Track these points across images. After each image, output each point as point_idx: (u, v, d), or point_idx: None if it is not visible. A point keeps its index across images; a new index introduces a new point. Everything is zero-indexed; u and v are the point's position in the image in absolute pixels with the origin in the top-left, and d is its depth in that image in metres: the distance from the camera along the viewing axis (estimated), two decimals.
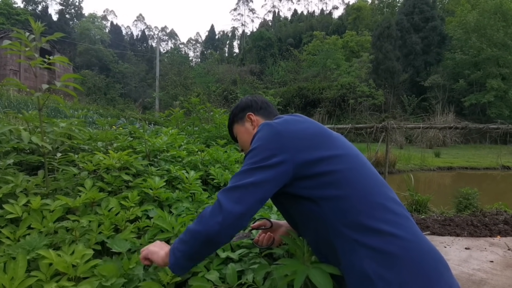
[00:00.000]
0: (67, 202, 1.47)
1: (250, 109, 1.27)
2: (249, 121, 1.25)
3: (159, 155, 2.51)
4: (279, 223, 1.29)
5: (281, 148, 0.90)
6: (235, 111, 1.31)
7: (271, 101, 22.17)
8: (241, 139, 1.28)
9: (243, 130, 1.27)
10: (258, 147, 0.93)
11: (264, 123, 1.00)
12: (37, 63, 1.58)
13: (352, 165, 0.92)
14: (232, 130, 1.34)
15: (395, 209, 0.90)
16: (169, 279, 1.11)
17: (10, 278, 1.06)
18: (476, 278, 3.03)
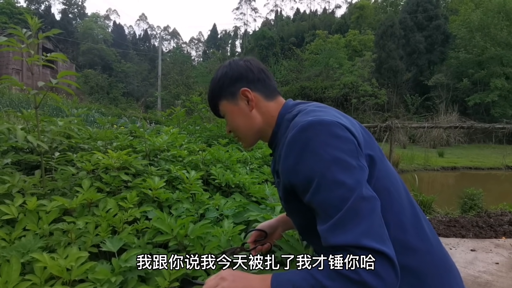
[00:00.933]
0: (63, 203, 1.43)
1: (245, 81, 0.94)
2: (244, 99, 0.93)
3: (159, 154, 2.48)
4: (273, 225, 1.18)
5: (357, 145, 0.73)
6: (223, 82, 0.95)
7: None
8: (233, 122, 0.97)
9: (235, 111, 0.95)
10: (336, 158, 0.68)
11: (310, 123, 0.73)
12: (33, 60, 1.55)
13: (385, 171, 0.80)
14: (217, 105, 0.99)
15: (424, 225, 0.81)
16: (167, 284, 1.07)
17: (4, 281, 1.03)
18: (481, 280, 2.98)
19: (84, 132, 2.56)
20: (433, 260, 0.77)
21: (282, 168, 0.79)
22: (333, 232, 0.65)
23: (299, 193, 0.75)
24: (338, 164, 0.68)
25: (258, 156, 3.20)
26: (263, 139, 0.99)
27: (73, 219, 1.40)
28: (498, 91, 23.35)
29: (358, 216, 0.64)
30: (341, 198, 0.65)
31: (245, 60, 0.99)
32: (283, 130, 0.87)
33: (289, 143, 0.75)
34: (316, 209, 0.70)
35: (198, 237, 1.28)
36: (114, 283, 1.04)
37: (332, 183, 0.67)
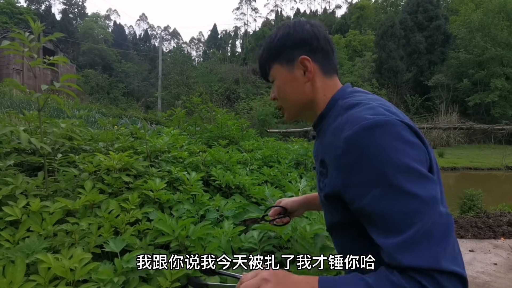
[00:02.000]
0: (66, 204, 1.45)
1: (307, 48, 0.83)
2: (302, 68, 0.83)
3: (160, 155, 2.50)
4: (294, 205, 1.18)
5: (427, 154, 0.66)
6: (284, 43, 0.84)
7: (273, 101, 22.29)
8: (283, 90, 0.87)
9: (288, 78, 0.85)
10: (408, 166, 0.61)
11: (376, 122, 0.64)
12: (36, 63, 1.57)
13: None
14: (269, 67, 0.89)
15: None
16: (169, 284, 1.10)
17: (9, 282, 1.05)
18: (480, 281, 3.00)
19: (86, 133, 2.58)
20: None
21: (336, 165, 0.71)
22: (405, 250, 0.57)
23: (349, 196, 0.68)
24: (409, 173, 0.60)
25: (258, 157, 3.22)
26: (306, 117, 0.91)
27: (76, 220, 1.42)
28: (498, 92, 23.33)
29: (436, 235, 0.57)
30: (414, 212, 0.58)
31: (312, 25, 0.86)
32: (334, 116, 0.78)
33: (349, 141, 0.66)
34: (373, 219, 0.63)
35: (199, 238, 1.30)
36: (116, 283, 1.06)
37: (402, 193, 0.59)
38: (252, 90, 28.59)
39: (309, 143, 4.94)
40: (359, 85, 25.62)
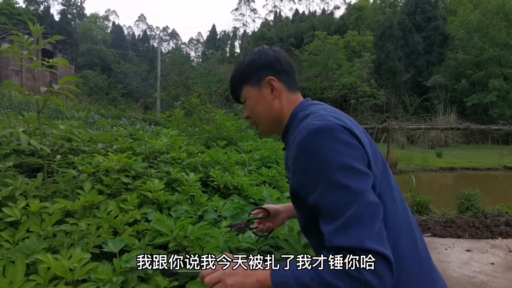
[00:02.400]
0: (66, 205, 1.47)
1: (271, 70, 0.96)
2: (269, 87, 0.95)
3: (159, 156, 2.51)
4: (277, 209, 1.23)
5: (364, 153, 0.76)
6: (251, 68, 0.97)
7: None
8: (254, 108, 0.98)
9: (258, 97, 0.96)
10: (344, 164, 0.71)
11: (319, 127, 0.75)
12: (36, 66, 1.59)
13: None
14: (240, 90, 1.01)
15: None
16: (167, 283, 1.11)
17: (9, 282, 1.06)
18: (477, 280, 3.01)
19: (85, 134, 2.59)
20: (421, 277, 0.80)
21: (291, 169, 0.81)
22: (338, 234, 0.68)
23: (304, 194, 0.77)
24: (345, 169, 0.70)
25: (256, 158, 3.24)
26: (278, 130, 1.00)
27: (76, 221, 1.43)
28: (497, 92, 23.39)
29: (362, 220, 0.67)
30: (346, 202, 0.68)
31: (274, 50, 1.00)
32: (294, 127, 0.89)
33: (298, 146, 0.76)
34: (321, 211, 0.73)
35: (197, 238, 1.32)
36: (115, 283, 1.08)
37: (338, 187, 0.70)
38: None
39: None
40: (358, 86, 25.75)
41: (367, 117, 24.93)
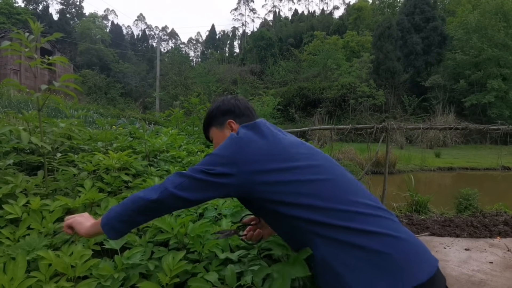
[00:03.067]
0: (66, 202, 1.47)
1: (232, 115, 1.21)
2: (229, 128, 1.20)
3: (158, 155, 2.52)
4: None
5: (233, 165, 0.95)
6: (215, 113, 1.24)
7: (271, 102, 21.80)
8: (217, 145, 1.21)
9: (221, 136, 1.20)
10: (216, 156, 0.98)
11: (234, 137, 1.02)
12: (36, 63, 1.59)
13: (318, 175, 0.98)
14: (208, 131, 1.28)
15: (363, 209, 0.95)
16: (168, 280, 1.11)
17: (10, 278, 1.06)
18: (475, 279, 3.03)
19: (85, 133, 2.59)
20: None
21: None
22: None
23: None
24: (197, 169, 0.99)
25: None
26: None
27: None
28: (495, 92, 23.42)
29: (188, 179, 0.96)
30: (197, 170, 0.98)
31: (235, 99, 1.25)
32: None
33: None
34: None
35: (198, 236, 1.32)
36: (117, 279, 1.08)
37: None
38: (250, 91, 28.62)
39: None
40: (357, 86, 25.75)
41: (366, 117, 24.95)
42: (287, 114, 25.73)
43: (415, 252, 0.91)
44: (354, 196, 0.97)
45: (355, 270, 0.86)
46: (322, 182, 0.97)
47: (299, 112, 26.58)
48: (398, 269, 0.85)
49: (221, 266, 1.21)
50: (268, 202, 0.96)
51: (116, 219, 0.98)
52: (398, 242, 0.90)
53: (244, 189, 0.96)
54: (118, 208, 0.99)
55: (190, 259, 1.28)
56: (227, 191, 0.97)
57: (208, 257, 1.29)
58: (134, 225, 1.02)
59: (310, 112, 26.34)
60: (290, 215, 0.94)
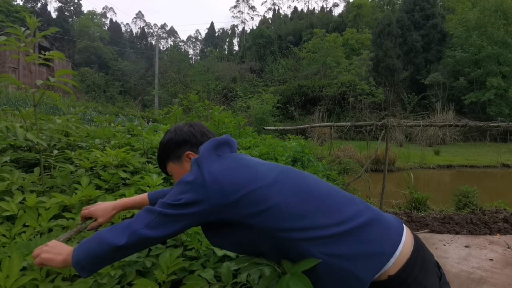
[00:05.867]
0: (63, 199, 1.45)
1: (189, 145, 1.08)
2: (189, 161, 1.07)
3: (156, 152, 2.50)
4: (105, 208, 1.22)
5: (203, 196, 0.88)
6: (169, 146, 1.10)
7: (271, 100, 21.73)
8: (178, 180, 1.07)
9: (181, 171, 1.09)
10: (185, 185, 0.91)
11: (198, 162, 0.93)
12: (32, 58, 1.56)
13: (281, 185, 0.94)
14: (165, 166, 1.14)
15: (328, 203, 0.95)
16: (165, 277, 1.10)
17: (5, 276, 1.05)
18: (475, 276, 3.02)
19: (82, 130, 2.57)
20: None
21: None
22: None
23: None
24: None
25: (255, 154, 3.23)
26: None
27: (73, 216, 1.42)
28: (494, 90, 23.42)
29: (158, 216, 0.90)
30: (165, 204, 0.91)
31: (189, 126, 1.12)
32: None
33: None
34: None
35: (196, 233, 1.31)
36: (113, 277, 1.07)
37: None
38: (250, 89, 28.56)
39: (305, 141, 4.95)
40: (357, 84, 25.74)
41: (365, 114, 24.95)
42: (286, 112, 25.69)
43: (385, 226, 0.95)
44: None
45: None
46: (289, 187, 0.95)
47: (299, 110, 26.55)
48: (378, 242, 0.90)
49: (219, 264, 1.20)
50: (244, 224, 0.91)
51: (85, 260, 0.90)
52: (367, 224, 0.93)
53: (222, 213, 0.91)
54: (87, 248, 0.91)
55: (188, 256, 1.26)
56: (201, 221, 0.93)
57: (206, 254, 1.28)
58: (105, 265, 0.95)
59: (309, 110, 26.31)
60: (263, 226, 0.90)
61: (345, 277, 0.86)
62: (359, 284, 0.86)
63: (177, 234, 0.93)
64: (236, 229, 0.93)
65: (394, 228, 0.96)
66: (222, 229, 0.95)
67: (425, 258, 0.95)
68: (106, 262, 0.93)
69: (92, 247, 0.90)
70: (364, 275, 0.86)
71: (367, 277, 0.87)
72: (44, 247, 0.98)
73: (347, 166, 7.69)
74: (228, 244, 1.00)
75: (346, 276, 0.86)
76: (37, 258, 0.97)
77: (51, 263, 0.95)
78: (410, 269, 0.90)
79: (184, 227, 0.91)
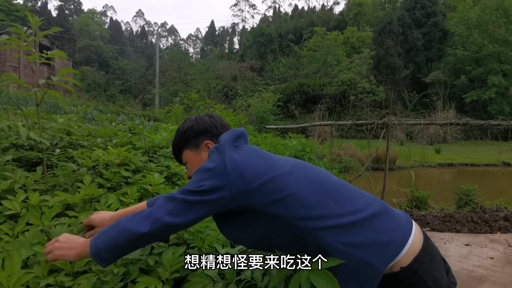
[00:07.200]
0: (66, 198, 1.46)
1: (209, 135, 1.10)
2: (207, 150, 1.08)
3: (158, 151, 2.51)
4: (103, 218, 1.19)
5: (224, 182, 0.90)
6: (188, 133, 1.11)
7: (271, 98, 21.75)
8: (193, 169, 1.10)
9: (197, 160, 1.09)
10: (206, 171, 0.92)
11: (219, 150, 0.95)
12: (34, 57, 1.57)
13: (297, 175, 0.97)
14: (180, 153, 1.14)
15: (342, 194, 0.98)
16: (168, 275, 1.11)
17: (8, 275, 1.05)
18: (476, 274, 3.02)
19: (84, 129, 2.58)
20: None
21: None
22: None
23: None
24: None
25: None
26: None
27: (76, 214, 1.42)
28: (495, 88, 23.35)
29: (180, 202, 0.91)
30: (186, 191, 0.93)
31: (210, 117, 1.14)
32: None
33: None
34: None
35: (198, 231, 1.31)
36: (116, 274, 1.07)
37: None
38: (250, 87, 28.52)
39: (306, 139, 4.95)
40: (357, 82, 25.71)
41: (366, 113, 24.91)
42: (287, 111, 25.66)
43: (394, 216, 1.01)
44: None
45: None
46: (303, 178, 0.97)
47: (299, 108, 26.52)
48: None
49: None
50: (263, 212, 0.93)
51: (105, 250, 0.90)
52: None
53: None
54: (106, 238, 0.92)
55: (191, 254, 1.27)
56: (222, 208, 0.94)
57: (209, 252, 1.28)
58: (124, 254, 0.97)
59: (310, 109, 26.28)
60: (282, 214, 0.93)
61: (361, 266, 0.89)
62: (374, 273, 0.89)
63: (197, 221, 0.94)
64: (255, 219, 0.94)
65: (403, 218, 1.00)
66: (239, 220, 0.96)
67: (433, 251, 0.99)
68: (125, 252, 0.95)
69: (113, 236, 0.91)
70: (379, 263, 0.89)
71: (382, 265, 0.89)
72: (55, 243, 0.97)
73: (347, 164, 7.71)
74: (244, 236, 1.00)
75: (362, 265, 0.89)
76: (49, 255, 0.97)
77: (65, 258, 0.97)
78: (421, 260, 0.93)
79: (205, 214, 0.93)
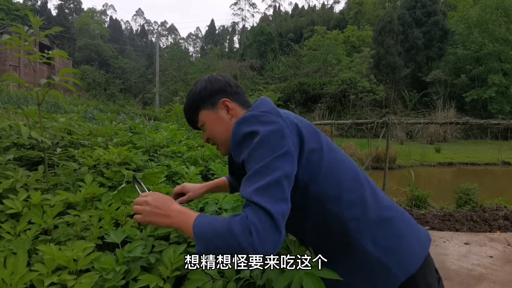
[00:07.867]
0: (67, 197, 1.47)
1: (224, 93, 1.05)
2: (225, 108, 1.03)
3: (159, 150, 2.52)
4: (196, 189, 1.32)
5: (289, 138, 0.86)
6: (203, 94, 1.04)
7: (271, 97, 21.94)
8: (213, 130, 1.06)
9: (215, 119, 1.04)
10: (274, 133, 0.84)
11: (274, 112, 0.90)
12: (36, 57, 1.58)
13: (332, 154, 0.96)
14: (195, 116, 1.08)
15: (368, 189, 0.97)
16: (169, 273, 1.12)
17: (11, 273, 1.06)
18: (475, 273, 3.04)
19: (84, 128, 2.59)
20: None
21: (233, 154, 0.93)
22: (243, 186, 0.81)
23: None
24: (259, 142, 0.83)
25: None
26: None
27: (77, 213, 1.43)
28: (496, 87, 23.35)
29: (262, 177, 0.79)
30: (258, 160, 0.81)
31: (222, 76, 1.09)
32: None
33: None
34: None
35: None
36: (118, 272, 1.08)
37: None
38: (250, 86, 28.50)
39: None
40: (357, 81, 25.65)
41: (366, 112, 24.91)
42: (287, 110, 25.66)
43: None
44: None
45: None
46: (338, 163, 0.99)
47: (299, 107, 26.52)
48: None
49: None
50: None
51: (208, 241, 0.77)
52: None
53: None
54: (214, 232, 0.78)
55: (191, 252, 1.28)
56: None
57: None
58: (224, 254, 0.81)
59: (310, 108, 26.28)
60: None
61: (378, 269, 0.89)
62: (390, 278, 0.89)
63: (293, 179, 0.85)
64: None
65: (422, 229, 1.04)
66: None
67: (431, 259, 1.00)
68: (221, 255, 0.83)
69: (220, 233, 0.77)
70: (399, 272, 0.89)
71: (402, 275, 0.89)
72: (146, 206, 0.89)
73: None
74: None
75: (379, 268, 0.89)
76: (139, 217, 0.90)
77: (155, 224, 0.90)
78: (424, 272, 0.93)
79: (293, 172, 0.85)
